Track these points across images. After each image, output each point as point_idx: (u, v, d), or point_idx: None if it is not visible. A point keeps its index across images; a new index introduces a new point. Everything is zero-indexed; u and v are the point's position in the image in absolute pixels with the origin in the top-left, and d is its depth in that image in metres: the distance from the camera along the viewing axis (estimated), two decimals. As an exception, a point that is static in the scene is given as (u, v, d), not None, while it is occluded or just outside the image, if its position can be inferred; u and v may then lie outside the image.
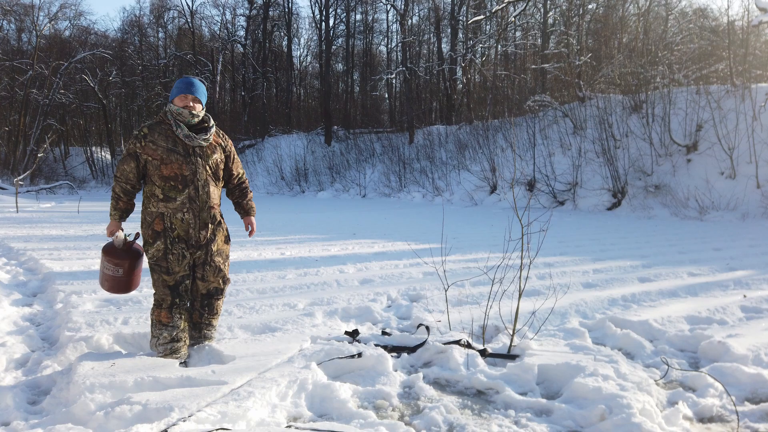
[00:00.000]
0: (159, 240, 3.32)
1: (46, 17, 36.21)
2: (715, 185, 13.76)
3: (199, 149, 3.34)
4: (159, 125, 3.35)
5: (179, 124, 3.29)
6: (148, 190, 3.36)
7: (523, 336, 3.89)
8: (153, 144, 3.28)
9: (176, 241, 3.33)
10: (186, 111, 3.30)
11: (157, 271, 3.36)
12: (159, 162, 3.26)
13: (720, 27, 19.88)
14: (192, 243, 3.37)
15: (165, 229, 3.32)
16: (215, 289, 3.55)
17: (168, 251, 3.32)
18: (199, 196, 3.32)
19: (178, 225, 3.32)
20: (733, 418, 2.77)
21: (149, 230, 3.34)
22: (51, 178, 31.90)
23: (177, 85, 3.37)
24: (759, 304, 4.89)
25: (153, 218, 3.32)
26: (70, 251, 7.89)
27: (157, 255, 3.33)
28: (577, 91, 19.36)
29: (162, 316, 3.37)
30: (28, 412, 2.84)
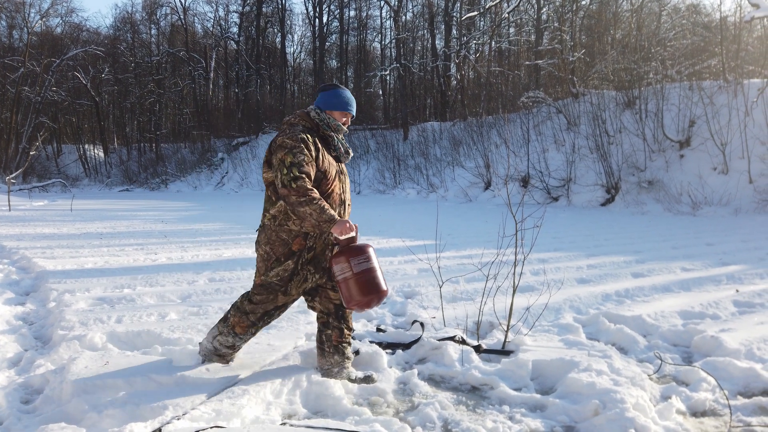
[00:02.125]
0: (291, 260, 2.97)
1: (38, 14, 36.01)
2: (707, 180, 13.83)
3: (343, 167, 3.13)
4: (312, 132, 3.00)
5: (338, 138, 3.07)
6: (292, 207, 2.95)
7: (517, 332, 3.90)
8: (322, 155, 2.96)
9: (306, 263, 3.01)
10: (343, 128, 3.09)
11: (274, 290, 3.01)
12: (322, 176, 2.94)
13: (712, 23, 19.96)
14: (323, 266, 3.06)
15: (301, 250, 2.98)
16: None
17: (295, 273, 2.99)
18: (345, 215, 3.11)
19: (320, 246, 3.02)
20: (726, 412, 2.79)
21: (284, 249, 2.96)
22: (43, 176, 31.75)
23: (340, 98, 3.10)
24: (751, 299, 4.92)
25: (293, 237, 2.96)
26: (63, 250, 7.85)
27: (282, 275, 2.98)
28: (571, 87, 19.39)
29: (241, 325, 3.07)
30: (21, 412, 2.83)
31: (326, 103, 3.08)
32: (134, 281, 5.65)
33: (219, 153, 32.37)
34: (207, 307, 4.61)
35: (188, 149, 34.53)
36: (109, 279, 5.75)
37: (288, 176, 2.79)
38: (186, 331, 3.91)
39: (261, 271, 3.04)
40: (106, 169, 35.93)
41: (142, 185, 32.19)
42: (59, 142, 38.47)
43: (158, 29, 40.94)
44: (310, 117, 3.05)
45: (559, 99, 19.82)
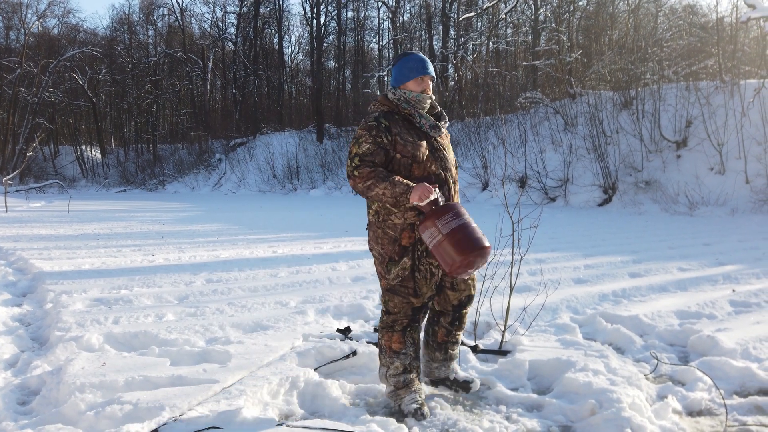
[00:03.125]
0: (406, 256, 2.74)
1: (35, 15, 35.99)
2: (704, 181, 13.86)
3: (442, 140, 2.81)
4: (391, 115, 2.74)
5: (421, 114, 2.75)
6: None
7: (514, 332, 3.90)
8: (401, 138, 2.69)
9: (424, 256, 2.76)
10: (426, 96, 2.75)
11: (401, 293, 2.78)
12: (410, 161, 2.68)
13: (709, 23, 20.00)
14: None
15: (413, 244, 2.74)
16: (467, 298, 2.97)
17: (415, 269, 2.76)
18: (451, 197, 2.78)
19: None
20: (722, 412, 2.79)
21: (394, 246, 2.74)
22: (41, 177, 31.71)
23: (407, 65, 2.78)
24: (748, 299, 4.94)
25: (399, 231, 2.72)
26: (60, 251, 7.84)
27: (402, 275, 2.75)
28: (568, 87, 19.42)
29: (394, 341, 2.82)
30: (18, 413, 2.82)
31: (397, 79, 2.80)
32: (131, 282, 5.64)
33: (216, 154, 32.35)
34: (204, 308, 4.61)
35: (186, 150, 34.49)
36: (106, 280, 5.75)
37: (351, 167, 2.67)
38: (183, 332, 3.91)
39: (382, 275, 2.83)
40: (103, 170, 35.89)
41: (140, 186, 32.15)
42: (56, 143, 38.42)
43: (155, 30, 40.94)
44: (388, 99, 2.80)
45: (556, 99, 19.84)
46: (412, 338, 2.85)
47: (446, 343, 3.01)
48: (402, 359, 2.83)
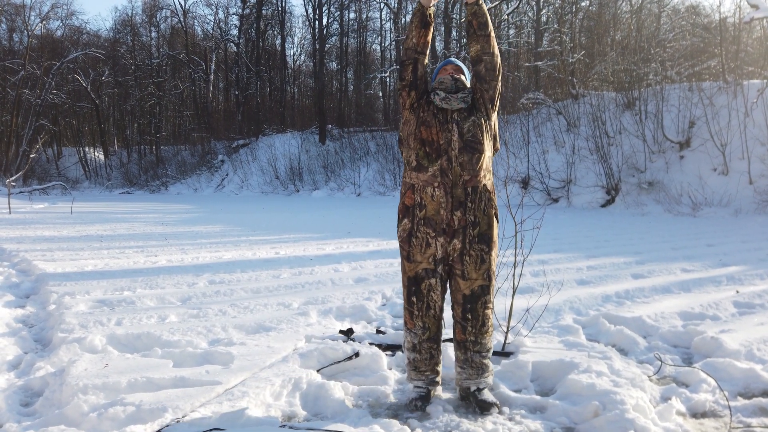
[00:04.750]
0: (407, 217, 2.86)
1: (38, 17, 36.08)
2: (707, 181, 13.83)
3: (457, 115, 2.84)
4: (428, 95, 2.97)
5: (437, 92, 2.88)
6: (405, 156, 2.93)
7: (517, 333, 3.90)
8: (427, 103, 2.89)
9: (422, 223, 2.82)
10: (448, 77, 2.92)
11: (401, 256, 2.91)
12: (421, 122, 2.84)
13: (712, 24, 19.97)
14: (443, 227, 2.79)
15: (414, 205, 2.84)
16: (480, 289, 2.85)
17: (412, 233, 2.84)
18: (452, 168, 2.78)
19: (428, 201, 2.80)
20: (726, 413, 2.78)
21: (401, 204, 2.92)
22: (44, 178, 31.77)
23: (435, 70, 3.09)
24: (751, 300, 4.92)
25: (405, 190, 2.90)
26: (63, 252, 7.86)
27: (402, 235, 2.88)
28: (571, 88, 19.40)
29: (406, 317, 2.92)
30: (21, 414, 2.83)
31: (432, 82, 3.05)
32: (134, 283, 5.65)
33: (219, 155, 32.40)
34: (207, 310, 4.61)
35: (188, 151, 34.55)
36: (109, 281, 5.75)
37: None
38: (186, 334, 3.92)
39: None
40: (106, 172, 35.96)
41: (143, 187, 32.21)
42: (59, 145, 38.52)
43: (158, 32, 41.03)
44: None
45: (558, 100, 19.83)
46: (422, 322, 2.88)
47: (465, 342, 2.89)
48: (411, 336, 2.92)
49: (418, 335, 2.89)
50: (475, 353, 2.89)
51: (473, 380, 2.90)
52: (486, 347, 2.92)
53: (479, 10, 2.87)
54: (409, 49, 2.91)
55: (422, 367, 2.92)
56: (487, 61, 2.89)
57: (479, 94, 2.91)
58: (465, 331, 2.88)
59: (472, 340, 2.88)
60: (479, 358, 2.90)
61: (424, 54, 2.92)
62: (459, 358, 2.94)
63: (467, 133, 2.82)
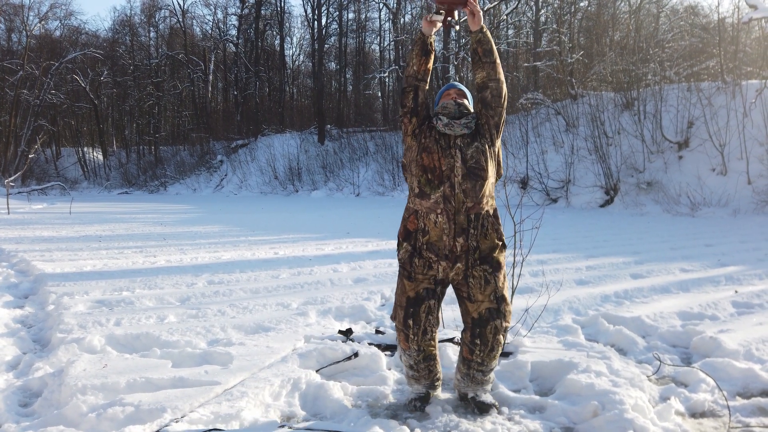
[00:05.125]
0: (408, 241, 2.88)
1: (36, 17, 36.03)
2: (706, 181, 13.84)
3: (460, 141, 2.82)
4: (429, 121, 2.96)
5: (440, 118, 2.85)
6: (408, 182, 2.94)
7: (516, 333, 3.90)
8: (428, 129, 2.87)
9: (425, 248, 2.82)
10: (451, 102, 2.87)
11: (400, 274, 2.91)
12: (423, 148, 2.82)
13: (710, 24, 19.98)
14: (445, 253, 2.78)
15: (417, 231, 2.86)
16: (488, 312, 2.78)
17: (414, 255, 2.84)
18: (455, 195, 2.76)
19: (431, 228, 2.80)
20: (725, 413, 2.79)
21: (403, 228, 2.93)
22: (42, 179, 31.73)
23: (438, 93, 3.07)
24: (750, 300, 4.92)
25: (408, 215, 2.91)
26: (62, 252, 7.85)
27: (404, 257, 2.88)
28: (570, 88, 19.42)
29: (400, 339, 2.88)
30: (20, 415, 2.83)
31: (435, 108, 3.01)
32: (133, 284, 5.65)
33: (218, 155, 32.38)
34: (206, 310, 4.61)
35: (187, 152, 34.53)
36: (107, 282, 5.75)
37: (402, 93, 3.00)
38: (185, 334, 3.91)
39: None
40: (105, 172, 35.93)
41: (141, 188, 32.19)
42: (58, 145, 38.47)
43: (157, 32, 41.00)
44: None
45: (557, 100, 19.84)
46: (417, 345, 2.81)
47: (470, 362, 2.85)
48: (407, 358, 2.88)
49: (413, 357, 2.86)
50: (478, 372, 2.87)
51: (471, 389, 2.91)
52: (490, 368, 2.88)
53: (483, 37, 2.89)
54: (410, 77, 2.91)
55: (421, 380, 2.94)
56: (493, 87, 2.87)
57: (484, 120, 2.89)
58: (472, 353, 2.83)
59: (478, 362, 2.84)
60: (481, 376, 2.89)
61: (425, 81, 2.93)
62: (461, 369, 2.92)
63: (470, 159, 2.79)
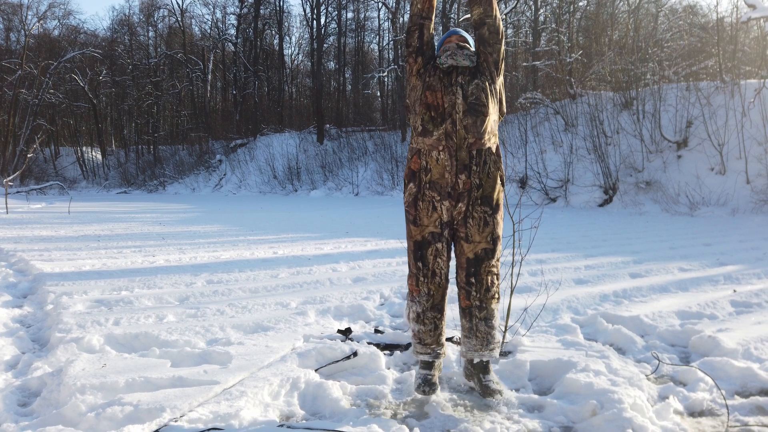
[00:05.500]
0: (413, 182, 2.88)
1: (35, 16, 36.02)
2: (705, 181, 13.86)
3: (462, 79, 2.83)
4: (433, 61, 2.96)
5: (445, 49, 2.88)
6: (411, 121, 2.95)
7: (515, 332, 3.90)
8: (433, 68, 2.88)
9: (428, 187, 2.83)
10: (453, 44, 2.88)
11: (407, 219, 2.91)
12: (427, 86, 2.83)
13: (709, 24, 20.00)
14: (448, 191, 2.79)
15: (420, 170, 2.86)
16: (484, 252, 2.83)
17: (419, 197, 2.85)
18: (456, 131, 2.77)
19: (433, 165, 2.81)
20: (723, 412, 2.79)
21: (407, 169, 2.93)
22: (41, 178, 31.72)
23: (439, 42, 3.05)
24: (749, 299, 4.93)
25: (411, 155, 2.91)
26: (61, 252, 7.84)
27: (408, 199, 2.89)
28: (569, 88, 19.42)
29: (410, 283, 2.91)
30: (18, 414, 2.82)
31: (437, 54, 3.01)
32: (132, 283, 5.64)
33: (217, 155, 32.36)
34: (205, 309, 4.61)
35: (186, 151, 34.51)
36: (106, 281, 5.75)
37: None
38: (184, 333, 3.91)
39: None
40: (103, 172, 35.91)
41: (140, 187, 32.17)
42: (57, 145, 38.47)
43: (156, 31, 41.00)
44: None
45: (556, 100, 19.85)
46: (428, 288, 2.87)
47: (470, 308, 2.87)
48: (416, 306, 2.90)
49: (422, 303, 2.89)
50: (481, 321, 2.86)
51: (478, 351, 2.89)
52: (492, 314, 2.88)
53: None
54: (415, 15, 2.91)
55: (427, 339, 2.92)
56: (489, 24, 2.90)
57: (483, 58, 2.91)
58: (469, 296, 2.86)
59: (477, 305, 2.86)
60: (485, 327, 2.87)
61: (430, 19, 2.93)
62: (464, 326, 2.92)
63: (471, 95, 2.81)
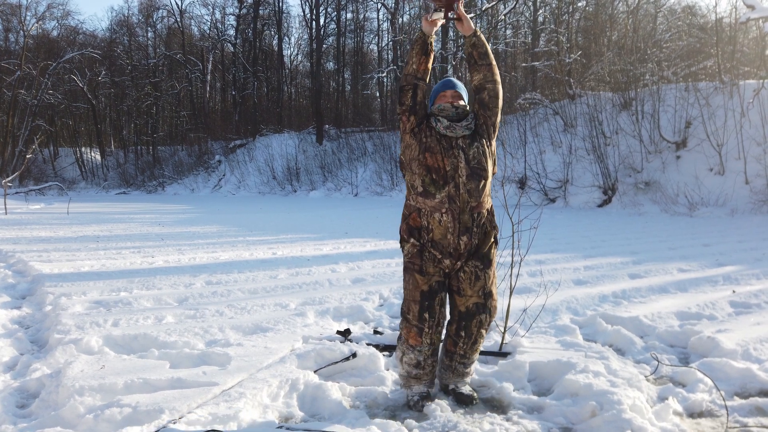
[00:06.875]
0: (414, 237, 2.91)
1: (34, 17, 35.98)
2: (704, 181, 13.86)
3: (462, 142, 2.86)
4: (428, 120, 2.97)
5: (439, 120, 2.90)
6: (408, 180, 2.94)
7: (514, 333, 3.90)
8: (428, 128, 2.89)
9: (430, 246, 2.87)
10: (448, 105, 2.91)
11: (409, 269, 2.91)
12: (425, 148, 2.85)
13: (708, 24, 20.01)
14: (450, 251, 2.84)
15: (420, 228, 2.89)
16: (475, 307, 2.91)
17: (423, 251, 2.88)
18: (459, 195, 2.81)
19: (435, 226, 2.85)
20: (723, 413, 2.79)
21: (406, 225, 2.95)
22: (40, 179, 31.70)
23: (433, 90, 3.08)
24: (748, 299, 4.93)
25: (410, 212, 2.93)
26: (60, 253, 7.83)
27: (412, 251, 2.91)
28: (568, 88, 19.42)
29: (411, 336, 2.89)
30: (17, 416, 2.82)
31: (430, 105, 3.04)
32: (131, 284, 5.64)
33: (216, 155, 32.35)
34: (204, 310, 4.60)
35: (185, 152, 34.50)
36: (105, 282, 5.74)
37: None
38: (183, 335, 3.91)
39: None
40: (102, 172, 35.89)
41: (139, 188, 32.15)
42: (56, 145, 38.44)
43: (155, 32, 40.98)
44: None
45: (555, 100, 19.84)
46: (430, 339, 2.89)
47: (453, 354, 2.99)
48: (416, 354, 2.92)
49: (423, 353, 2.90)
50: (460, 364, 3.03)
51: (452, 381, 3.07)
52: (471, 360, 3.04)
53: (478, 41, 2.92)
54: (409, 75, 2.92)
55: (424, 378, 2.97)
56: (490, 89, 2.93)
57: (482, 120, 2.95)
58: (456, 345, 2.98)
59: (461, 354, 3.00)
60: (462, 368, 3.04)
61: (424, 80, 2.94)
62: (444, 362, 3.06)
63: (473, 159, 2.85)
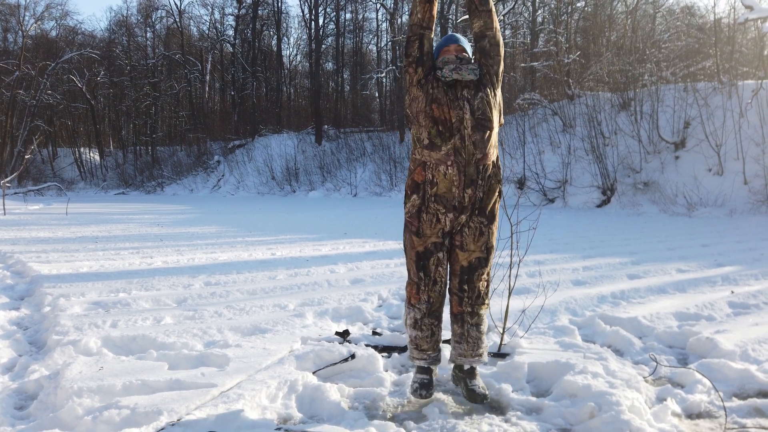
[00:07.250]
0: (416, 194, 2.87)
1: (32, 17, 35.95)
2: (702, 182, 13.87)
3: (467, 92, 2.82)
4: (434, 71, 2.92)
5: (447, 64, 2.86)
6: (414, 133, 2.90)
7: (513, 334, 3.90)
8: (435, 80, 2.85)
9: (433, 200, 2.83)
10: (452, 56, 2.88)
11: (408, 229, 2.92)
12: (432, 99, 2.81)
13: (707, 25, 20.03)
14: (454, 204, 2.81)
15: (425, 182, 2.85)
16: (477, 261, 2.90)
17: (422, 210, 2.85)
18: (465, 146, 2.78)
19: (440, 179, 2.80)
20: (721, 414, 2.79)
21: (410, 180, 2.91)
22: (39, 179, 31.69)
23: (436, 47, 3.03)
24: (746, 300, 4.93)
25: (415, 166, 2.89)
26: (58, 254, 7.83)
27: (411, 210, 2.89)
28: (566, 89, 19.44)
29: (412, 294, 2.93)
30: (15, 418, 2.81)
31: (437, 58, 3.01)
32: (129, 285, 5.63)
33: (215, 156, 32.34)
34: (203, 311, 4.60)
35: (184, 152, 34.50)
36: (104, 283, 5.73)
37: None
38: (181, 336, 3.90)
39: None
40: (101, 173, 35.87)
41: (138, 188, 32.14)
42: (55, 146, 38.44)
43: (154, 32, 40.96)
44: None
45: (554, 101, 19.86)
46: (428, 296, 2.91)
47: (462, 314, 2.94)
48: (414, 312, 2.93)
49: (421, 310, 2.92)
50: (472, 326, 2.95)
51: (467, 357, 2.97)
52: (482, 320, 2.98)
53: None
54: (415, 25, 2.90)
55: (423, 345, 2.95)
56: (490, 36, 2.91)
57: (485, 70, 2.92)
58: (462, 302, 2.94)
59: (469, 311, 2.94)
60: (476, 332, 2.96)
61: (430, 29, 2.92)
62: (456, 331, 2.99)
63: (478, 110, 2.82)
